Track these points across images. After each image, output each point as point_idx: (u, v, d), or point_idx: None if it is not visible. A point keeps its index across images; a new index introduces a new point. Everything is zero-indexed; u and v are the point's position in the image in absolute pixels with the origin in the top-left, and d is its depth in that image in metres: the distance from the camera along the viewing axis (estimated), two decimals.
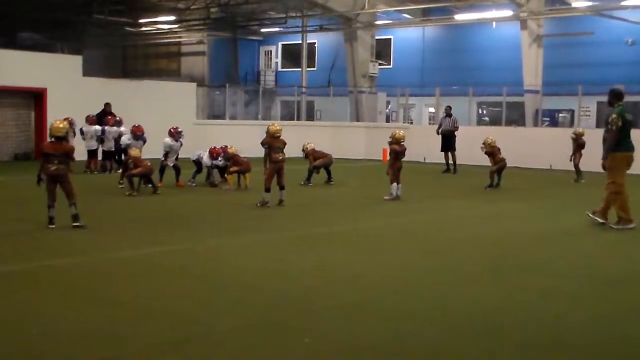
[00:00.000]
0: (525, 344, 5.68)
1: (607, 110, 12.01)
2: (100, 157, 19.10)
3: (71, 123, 17.13)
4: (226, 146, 15.94)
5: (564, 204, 15.01)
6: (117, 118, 18.98)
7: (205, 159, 15.90)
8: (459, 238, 10.40)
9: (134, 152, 14.62)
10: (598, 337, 5.94)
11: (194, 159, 16.16)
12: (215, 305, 6.55)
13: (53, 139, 10.30)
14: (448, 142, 21.46)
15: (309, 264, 8.42)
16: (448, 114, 21.87)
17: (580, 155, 18.68)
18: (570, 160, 18.84)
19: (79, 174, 15.53)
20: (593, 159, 19.49)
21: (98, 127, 18.74)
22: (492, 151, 16.82)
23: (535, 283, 7.71)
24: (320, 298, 6.91)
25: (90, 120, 18.97)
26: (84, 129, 18.78)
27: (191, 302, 6.66)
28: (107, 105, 20.15)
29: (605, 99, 12.01)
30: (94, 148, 18.84)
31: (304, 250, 9.30)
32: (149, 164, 14.50)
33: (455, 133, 21.41)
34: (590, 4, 27.51)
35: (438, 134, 21.69)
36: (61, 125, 10.38)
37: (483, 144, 16.99)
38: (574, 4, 27.61)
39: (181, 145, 15.77)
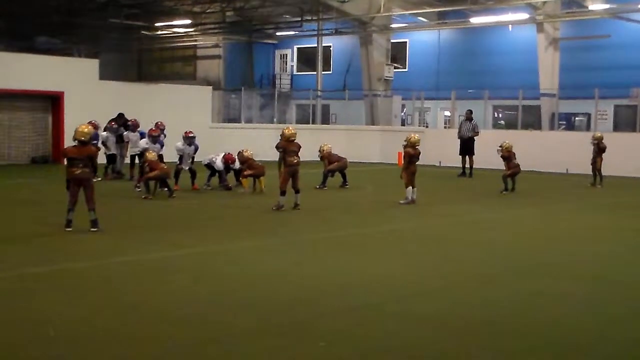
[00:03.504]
0: (540, 346, 5.66)
1: None
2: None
3: (96, 127, 17.18)
4: (242, 150, 15.98)
5: (578, 208, 14.93)
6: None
7: (218, 163, 15.92)
8: (473, 241, 10.37)
9: (150, 155, 14.68)
10: (613, 340, 5.91)
11: (206, 163, 16.18)
12: (230, 308, 6.56)
13: (76, 143, 10.35)
14: (467, 146, 21.37)
15: (324, 267, 8.43)
16: (468, 118, 21.77)
17: (602, 159, 18.54)
18: (592, 164, 18.70)
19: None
20: (611, 162, 19.55)
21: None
22: (508, 155, 16.76)
23: (550, 286, 7.67)
24: (335, 301, 6.91)
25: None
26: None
27: (206, 304, 6.67)
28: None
29: (622, 102, 11.93)
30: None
31: (319, 253, 9.31)
32: (165, 166, 14.56)
33: (475, 138, 21.30)
34: (607, 6, 27.33)
35: (459, 138, 21.60)
36: (86, 130, 10.42)
37: (500, 147, 16.93)
38: (590, 7, 27.43)
39: (196, 149, 15.81)
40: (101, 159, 17.47)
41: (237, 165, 15.97)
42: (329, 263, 8.68)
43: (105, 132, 18.22)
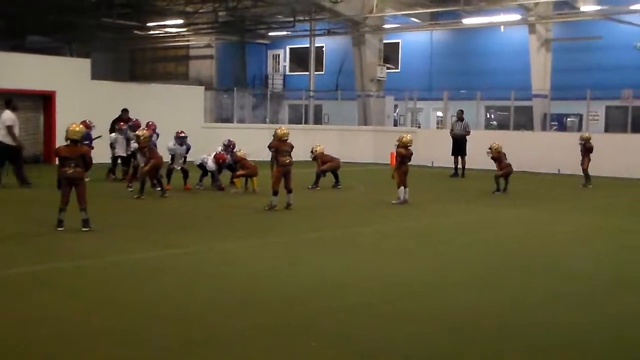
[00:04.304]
0: (533, 345, 5.68)
1: None
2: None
3: (88, 126, 17.09)
4: (229, 140, 16.10)
5: (571, 208, 14.98)
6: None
7: (210, 163, 15.92)
8: (466, 241, 10.39)
9: (143, 134, 14.54)
10: (605, 339, 5.93)
11: (198, 163, 16.18)
12: (223, 308, 6.56)
13: (69, 142, 10.32)
14: (459, 146, 21.48)
15: (316, 267, 8.43)
16: (460, 118, 21.95)
17: (589, 159, 18.61)
18: (581, 165, 18.77)
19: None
20: (602, 163, 19.63)
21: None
22: (498, 156, 16.80)
23: (543, 285, 7.70)
24: (327, 301, 6.92)
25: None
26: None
27: (199, 304, 6.67)
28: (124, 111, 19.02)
29: (613, 103, 11.99)
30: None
31: (312, 253, 9.31)
32: (159, 154, 14.46)
33: (467, 137, 21.43)
34: (598, 8, 27.45)
35: (451, 135, 21.74)
36: (77, 129, 10.41)
37: (489, 149, 16.98)
38: (582, 8, 27.55)
39: (188, 149, 15.80)
40: (101, 159, 17.65)
41: (228, 159, 15.95)
42: (322, 263, 8.68)
43: (114, 134, 17.95)
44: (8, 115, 15.89)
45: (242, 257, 9.02)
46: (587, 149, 18.61)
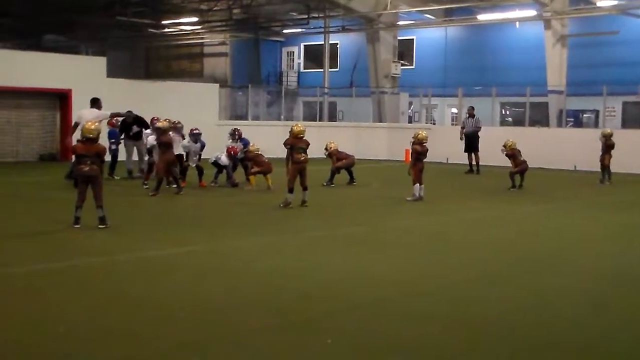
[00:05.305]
0: (546, 345, 5.64)
1: None
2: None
3: (115, 125, 17.22)
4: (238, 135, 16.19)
5: (588, 205, 14.89)
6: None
7: (223, 158, 15.95)
8: (481, 238, 10.35)
9: (162, 124, 14.61)
10: (618, 338, 5.88)
11: (212, 161, 16.20)
12: (235, 305, 6.57)
13: (84, 140, 10.37)
14: (472, 143, 21.41)
15: (331, 264, 8.42)
16: (471, 115, 21.88)
17: (610, 156, 18.42)
18: (600, 161, 18.59)
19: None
20: (619, 159, 19.46)
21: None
22: (512, 153, 16.73)
23: (556, 284, 7.64)
24: (342, 298, 6.91)
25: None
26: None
27: (212, 302, 6.68)
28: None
29: (630, 99, 11.88)
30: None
31: (327, 250, 9.30)
32: (172, 150, 14.48)
33: (479, 133, 21.37)
34: (615, 3, 27.21)
35: (461, 139, 21.63)
36: (92, 127, 10.45)
37: (504, 146, 16.91)
38: (598, 3, 27.32)
39: (202, 146, 15.83)
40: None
41: (239, 150, 16.02)
42: (336, 260, 8.67)
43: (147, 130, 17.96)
44: (90, 112, 16.04)
45: (256, 254, 9.02)
46: (608, 146, 18.41)
